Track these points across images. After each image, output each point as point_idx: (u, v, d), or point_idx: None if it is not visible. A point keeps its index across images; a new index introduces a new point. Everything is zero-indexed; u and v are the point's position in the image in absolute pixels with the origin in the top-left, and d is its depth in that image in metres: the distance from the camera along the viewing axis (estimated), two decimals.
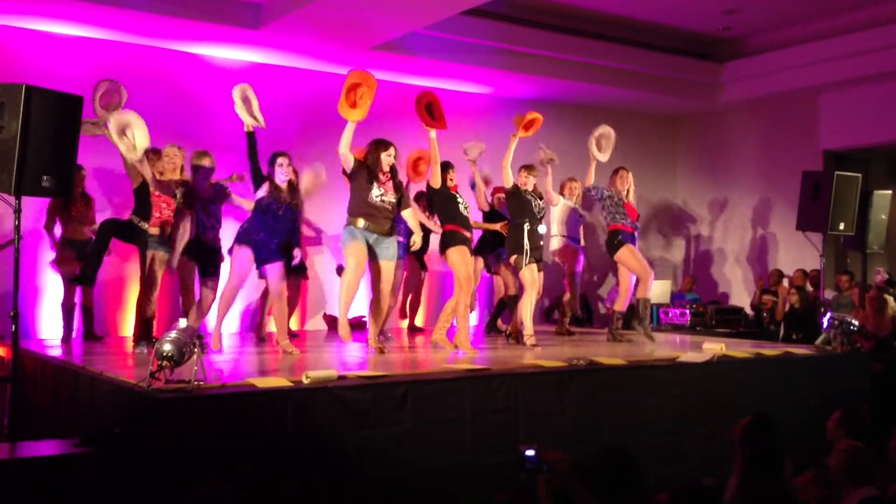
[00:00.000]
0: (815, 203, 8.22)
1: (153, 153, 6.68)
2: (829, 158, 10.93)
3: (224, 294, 6.36)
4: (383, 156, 6.25)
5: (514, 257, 7.00)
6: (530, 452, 3.34)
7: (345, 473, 4.49)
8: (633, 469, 3.21)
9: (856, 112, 10.64)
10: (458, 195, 6.95)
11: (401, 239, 6.97)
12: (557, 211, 8.24)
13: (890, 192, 9.21)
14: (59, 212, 7.24)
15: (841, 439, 4.21)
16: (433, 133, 6.66)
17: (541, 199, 7.27)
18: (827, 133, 11.01)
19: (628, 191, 7.65)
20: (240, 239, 6.29)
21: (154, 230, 6.46)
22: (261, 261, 6.29)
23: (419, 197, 7.96)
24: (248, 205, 6.64)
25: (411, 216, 6.47)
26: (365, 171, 6.21)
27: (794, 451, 4.27)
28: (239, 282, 6.34)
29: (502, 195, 7.76)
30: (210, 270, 6.73)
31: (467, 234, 6.79)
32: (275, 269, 6.30)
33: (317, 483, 4.37)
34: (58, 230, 7.31)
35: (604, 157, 7.87)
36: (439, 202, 6.93)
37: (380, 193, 6.19)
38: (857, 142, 10.86)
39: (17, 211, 5.42)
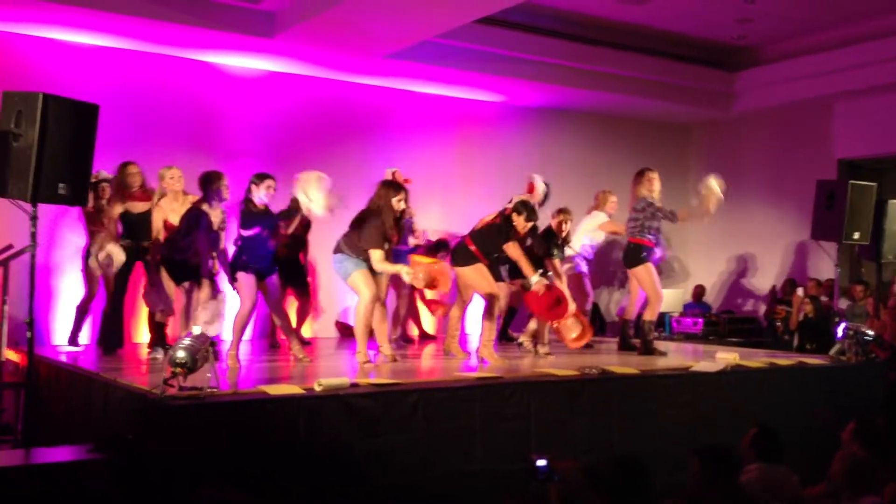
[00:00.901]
0: (829, 212, 8.18)
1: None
2: (844, 167, 10.87)
3: (238, 321, 6.29)
4: (394, 201, 6.11)
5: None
6: (542, 462, 3.34)
7: (356, 481, 4.49)
8: (643, 478, 3.22)
9: (870, 121, 10.59)
10: None
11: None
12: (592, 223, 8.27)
13: None
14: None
15: (857, 449, 4.19)
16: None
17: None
18: (841, 142, 10.95)
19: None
20: (240, 266, 6.25)
21: None
22: (260, 277, 6.26)
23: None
24: None
25: None
26: (377, 228, 6.06)
27: (807, 461, 4.25)
28: (251, 306, 6.28)
29: None
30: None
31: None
32: (268, 283, 6.31)
33: (328, 490, 4.38)
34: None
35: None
36: None
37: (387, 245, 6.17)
38: (872, 151, 10.80)
39: (34, 218, 5.47)
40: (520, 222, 6.42)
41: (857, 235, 8.19)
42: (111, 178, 7.13)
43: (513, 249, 6.36)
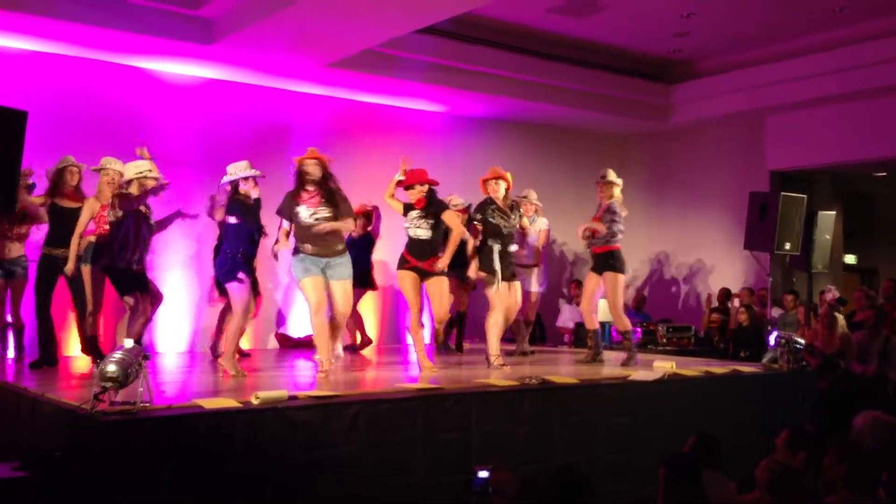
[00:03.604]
0: (761, 223, 8.36)
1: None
2: (776, 179, 11.16)
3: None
4: (306, 165, 5.96)
5: (484, 276, 6.75)
6: (483, 473, 3.34)
7: (296, 495, 4.41)
8: (582, 488, 3.23)
9: (801, 134, 10.90)
10: None
11: None
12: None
13: (834, 212, 9.43)
14: None
15: (790, 458, 4.28)
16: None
17: (511, 217, 6.91)
18: (773, 154, 11.25)
19: None
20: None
21: None
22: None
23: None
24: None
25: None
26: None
27: (742, 468, 4.33)
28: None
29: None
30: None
31: None
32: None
33: None
34: None
35: None
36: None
37: (310, 213, 5.95)
38: (803, 163, 11.12)
39: None
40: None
41: (788, 246, 8.40)
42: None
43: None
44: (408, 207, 6.47)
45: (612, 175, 7.27)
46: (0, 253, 6.85)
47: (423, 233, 6.35)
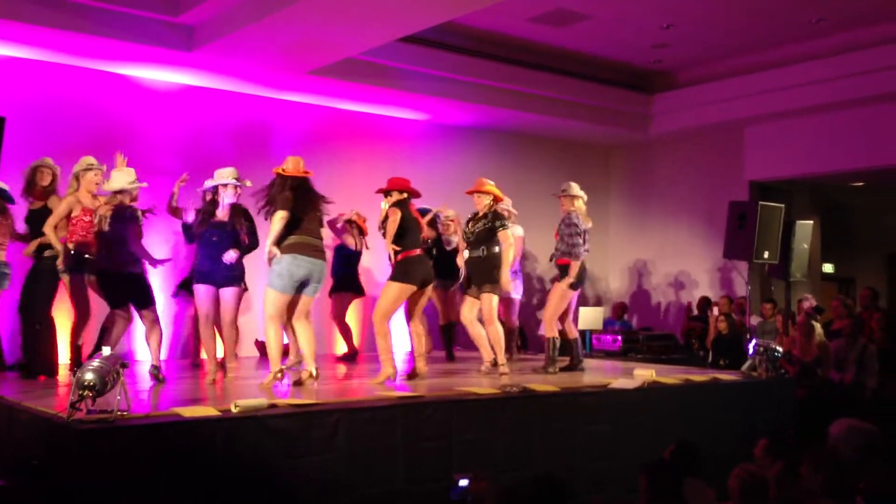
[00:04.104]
0: (740, 232, 8.44)
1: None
2: (755, 189, 11.26)
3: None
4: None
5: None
6: (463, 482, 3.34)
7: (277, 503, 4.39)
8: (563, 496, 3.23)
9: (780, 144, 11.00)
10: None
11: None
12: None
13: (811, 222, 9.53)
14: None
15: (768, 466, 4.31)
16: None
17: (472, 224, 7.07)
18: (752, 164, 11.34)
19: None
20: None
21: None
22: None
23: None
24: None
25: None
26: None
27: (722, 475, 4.35)
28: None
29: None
30: None
31: None
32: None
33: None
34: None
35: None
36: None
37: None
38: (781, 173, 11.22)
39: None
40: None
41: (766, 255, 8.47)
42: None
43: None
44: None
45: (574, 188, 7.28)
46: None
47: None
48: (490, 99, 10.27)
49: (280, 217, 5.78)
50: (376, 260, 9.25)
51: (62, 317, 6.85)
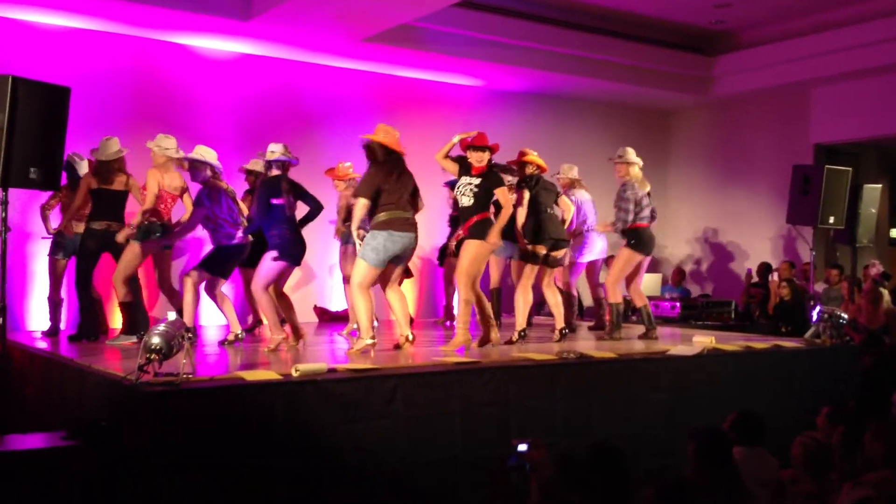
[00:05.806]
0: (805, 197, 8.22)
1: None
2: (820, 152, 10.95)
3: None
4: None
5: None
6: (522, 447, 3.35)
7: (333, 467, 4.47)
8: (619, 467, 3.21)
9: (846, 106, 10.66)
10: None
11: None
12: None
13: (880, 186, 9.24)
14: None
15: (830, 435, 4.23)
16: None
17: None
18: (818, 127, 11.03)
19: None
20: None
21: None
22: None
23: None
24: None
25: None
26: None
27: (784, 445, 4.29)
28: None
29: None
30: None
31: None
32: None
33: (305, 477, 4.36)
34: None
35: None
36: None
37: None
38: (848, 136, 10.88)
39: (4, 203, 5.37)
40: None
41: (832, 220, 8.25)
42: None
43: None
44: (462, 170, 6.29)
45: (629, 154, 7.14)
46: (68, 230, 6.99)
47: (467, 200, 6.18)
48: (545, 64, 10.13)
49: (362, 205, 5.84)
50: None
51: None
